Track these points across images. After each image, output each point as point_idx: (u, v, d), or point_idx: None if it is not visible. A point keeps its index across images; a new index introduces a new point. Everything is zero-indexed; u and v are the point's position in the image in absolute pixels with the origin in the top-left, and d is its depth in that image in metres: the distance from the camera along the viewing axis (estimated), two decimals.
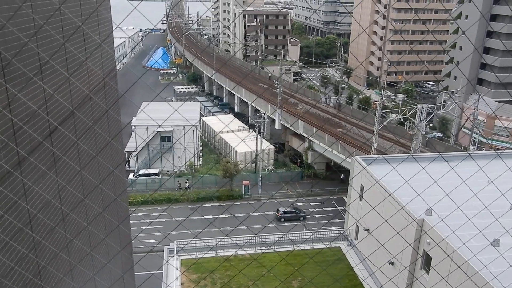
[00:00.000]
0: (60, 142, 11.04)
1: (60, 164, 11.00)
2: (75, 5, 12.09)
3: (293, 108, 63.96)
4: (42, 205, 9.89)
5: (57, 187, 10.81)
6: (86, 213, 13.09)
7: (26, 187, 9.14)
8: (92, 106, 13.59)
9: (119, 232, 17.42)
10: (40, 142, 9.74)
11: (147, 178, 51.95)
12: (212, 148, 64.73)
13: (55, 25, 10.66)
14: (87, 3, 12.91)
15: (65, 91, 11.35)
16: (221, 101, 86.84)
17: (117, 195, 16.83)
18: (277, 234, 29.71)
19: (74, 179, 12.08)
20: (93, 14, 13.72)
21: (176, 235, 39.41)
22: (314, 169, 55.70)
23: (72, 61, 11.72)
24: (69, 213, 11.56)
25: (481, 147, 56.65)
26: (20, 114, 8.89)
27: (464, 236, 18.31)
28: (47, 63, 10.08)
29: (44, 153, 10.05)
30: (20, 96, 8.82)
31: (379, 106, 44.35)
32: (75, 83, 12.04)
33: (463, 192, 14.88)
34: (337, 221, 44.75)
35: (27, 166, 9.17)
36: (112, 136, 16.05)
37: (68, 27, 11.50)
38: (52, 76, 10.50)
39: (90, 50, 13.31)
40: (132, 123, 55.59)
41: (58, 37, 10.82)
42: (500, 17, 66.13)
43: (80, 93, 12.42)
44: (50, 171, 10.37)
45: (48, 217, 10.20)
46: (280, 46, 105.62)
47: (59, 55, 10.88)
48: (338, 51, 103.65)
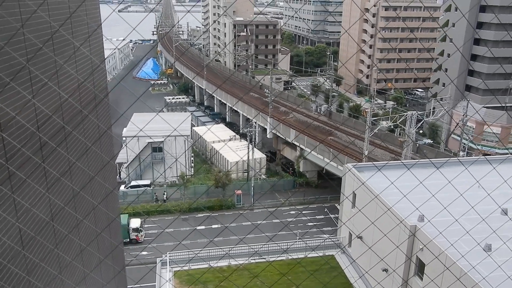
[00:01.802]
0: (51, 156, 10.95)
1: (49, 175, 10.90)
2: (64, 16, 12.07)
3: (284, 116, 64.15)
4: (34, 222, 9.78)
5: (47, 196, 10.70)
6: (78, 225, 12.95)
7: (16, 202, 9.04)
8: (82, 118, 13.52)
9: (111, 245, 17.23)
10: (30, 157, 9.65)
11: (139, 189, 51.60)
12: (204, 158, 64.57)
13: (48, 46, 10.62)
14: (77, 16, 12.89)
15: (53, 93, 11.27)
16: (212, 110, 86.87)
17: (109, 208, 16.68)
18: (270, 243, 29.59)
19: (63, 184, 11.97)
20: (83, 26, 13.70)
21: (168, 246, 39.11)
22: (306, 177, 55.76)
23: (61, 71, 11.68)
24: (56, 217, 11.43)
25: (471, 152, 57.18)
26: (11, 130, 8.81)
27: (457, 242, 18.39)
28: (38, 77, 10.03)
29: (35, 167, 9.95)
30: (9, 111, 8.75)
31: (370, 114, 44.63)
32: (66, 98, 11.98)
33: (454, 197, 14.98)
34: (330, 229, 44.73)
35: (15, 176, 9.07)
36: (103, 148, 15.95)
37: (61, 45, 11.47)
38: (42, 83, 10.44)
39: (80, 63, 13.27)
40: (123, 134, 55.33)
41: (51, 53, 10.78)
42: (487, 24, 67.18)
43: (71, 107, 12.36)
44: (39, 182, 10.26)
45: (35, 223, 10.08)
46: (270, 56, 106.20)
47: (49, 68, 10.83)
48: (328, 60, 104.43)
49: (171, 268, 27.57)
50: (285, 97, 76.06)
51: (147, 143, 53.78)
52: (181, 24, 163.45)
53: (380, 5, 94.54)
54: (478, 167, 26.01)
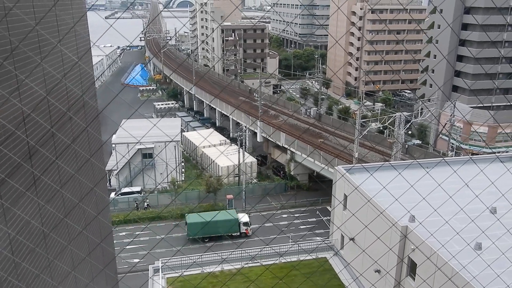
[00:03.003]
0: (40, 162, 10.87)
1: (40, 183, 10.81)
2: (52, 25, 12.02)
3: (274, 120, 64.29)
4: (22, 224, 9.69)
5: (38, 206, 10.61)
6: (68, 233, 12.85)
7: (5, 207, 8.95)
8: (72, 125, 13.44)
9: (103, 252, 17.11)
10: (18, 162, 9.57)
11: (129, 196, 51.25)
12: (195, 163, 64.39)
13: (32, 47, 10.57)
14: (64, 23, 12.85)
15: (44, 111, 11.21)
16: (202, 115, 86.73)
17: (101, 215, 16.57)
18: (263, 247, 29.58)
19: (55, 198, 11.88)
20: (71, 32, 13.65)
21: (160, 253, 38.89)
22: (297, 180, 55.88)
23: (49, 78, 11.61)
24: (49, 233, 11.33)
25: (459, 152, 57.81)
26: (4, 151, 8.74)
27: (447, 241, 18.57)
28: (24, 81, 9.96)
29: (23, 173, 9.87)
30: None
31: (359, 116, 44.95)
32: (53, 102, 11.91)
33: (445, 197, 15.16)
34: (322, 231, 44.84)
35: (5, 185, 8.99)
36: (92, 154, 15.86)
37: (45, 42, 11.42)
38: (30, 92, 10.37)
39: (68, 66, 13.21)
40: (112, 141, 54.97)
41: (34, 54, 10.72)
42: (471, 25, 68.14)
43: (58, 111, 12.28)
44: (29, 191, 10.18)
45: (29, 235, 9.98)
46: (259, 60, 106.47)
47: (36, 71, 10.76)
48: (316, 63, 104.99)
49: (164, 274, 27.40)
50: (274, 100, 76.28)
51: (137, 149, 53.49)
52: (169, 30, 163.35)
53: (367, 8, 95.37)
54: (467, 167, 26.32)
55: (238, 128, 64.01)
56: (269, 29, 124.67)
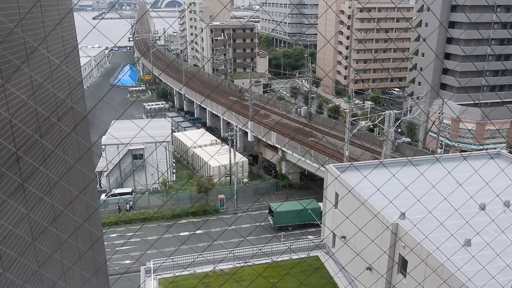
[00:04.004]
0: (27, 164, 10.74)
1: (29, 184, 10.68)
2: (38, 21, 11.88)
3: (264, 119, 64.32)
4: (11, 226, 9.56)
5: (26, 208, 10.47)
6: (58, 238, 12.71)
7: None
8: (59, 127, 13.30)
9: (93, 256, 16.97)
10: (6, 163, 9.44)
11: (120, 198, 50.91)
12: (186, 163, 64.18)
13: (16, 43, 10.43)
14: (50, 17, 12.70)
15: (31, 113, 11.08)
16: (192, 116, 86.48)
17: (90, 218, 16.43)
18: (255, 247, 29.58)
19: (43, 202, 11.74)
20: (57, 31, 13.50)
21: (152, 254, 38.69)
22: (289, 179, 55.96)
23: (36, 80, 11.48)
24: (39, 236, 11.19)
25: (448, 149, 58.35)
26: None
27: (438, 238, 18.73)
28: (9, 80, 9.83)
29: (10, 176, 9.74)
30: None
31: (349, 114, 45.14)
32: (40, 98, 11.77)
33: (434, 194, 15.28)
34: (313, 230, 44.96)
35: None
36: (81, 156, 15.71)
37: (29, 42, 11.28)
38: (16, 93, 10.25)
39: (54, 66, 13.07)
40: (102, 142, 54.56)
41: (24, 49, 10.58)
42: (458, 24, 68.78)
43: (45, 112, 12.14)
44: (17, 192, 10.05)
45: (17, 241, 9.85)
46: (248, 59, 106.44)
47: (21, 72, 10.63)
48: (305, 62, 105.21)
49: (156, 275, 27.28)
50: (264, 100, 76.29)
51: (127, 150, 53.16)
52: (158, 30, 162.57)
53: (355, 6, 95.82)
54: (455, 163, 26.55)
55: (229, 128, 63.89)
56: (258, 28, 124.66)
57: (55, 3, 13.27)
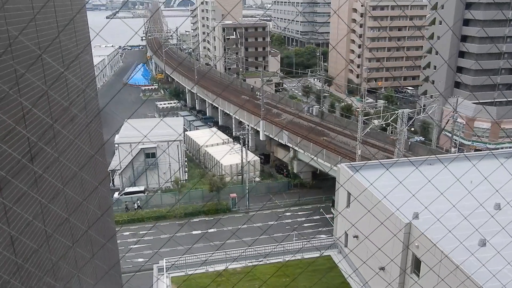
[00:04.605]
0: (40, 162, 10.86)
1: (42, 183, 10.81)
2: (51, 19, 12.00)
3: (276, 118, 64.22)
4: (24, 225, 9.68)
5: (40, 206, 10.60)
6: (72, 234, 12.85)
7: (7, 208, 8.94)
8: (73, 124, 13.43)
9: (107, 252, 17.13)
10: (20, 161, 9.55)
11: (133, 196, 51.31)
12: (198, 162, 64.43)
13: (31, 36, 10.55)
14: (63, 16, 12.82)
15: (44, 108, 11.20)
16: (204, 115, 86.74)
17: (104, 215, 16.58)
18: (268, 245, 29.57)
19: (58, 198, 11.87)
20: (70, 30, 13.63)
21: (165, 252, 38.93)
22: (301, 178, 55.81)
23: (49, 75, 11.59)
24: (52, 234, 11.32)
25: (462, 149, 57.61)
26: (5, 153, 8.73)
27: (452, 238, 18.47)
28: (24, 76, 9.94)
29: (26, 172, 9.86)
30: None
31: (361, 113, 44.84)
32: (54, 96, 11.90)
33: (448, 194, 15.07)
34: (326, 229, 44.80)
35: (8, 185, 8.98)
36: (96, 152, 15.86)
37: (44, 38, 11.40)
38: (30, 88, 10.36)
39: (68, 63, 13.19)
40: (115, 141, 55.06)
41: (34, 48, 10.71)
42: (473, 21, 67.83)
43: (59, 109, 12.27)
44: (32, 190, 10.17)
45: (32, 237, 9.98)
46: (260, 58, 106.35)
47: (35, 67, 10.74)
48: (318, 61, 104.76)
49: (168, 274, 27.43)
50: (276, 99, 76.17)
51: (140, 149, 53.54)
52: (171, 29, 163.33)
53: (368, 5, 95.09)
54: (469, 163, 26.19)
55: (240, 127, 63.94)
56: (270, 27, 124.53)
57: (68, 2, 13.41)
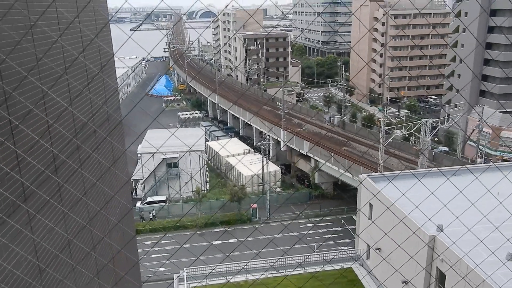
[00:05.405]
0: (64, 172, 11.07)
1: (64, 191, 11.00)
2: (75, 31, 12.30)
3: (297, 129, 64.05)
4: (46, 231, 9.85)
5: (62, 212, 10.78)
6: (92, 240, 13.01)
7: (30, 214, 9.12)
8: (96, 135, 13.68)
9: (126, 260, 17.27)
10: (43, 169, 9.75)
11: (155, 205, 51.76)
12: (219, 172, 64.65)
13: (55, 57, 10.83)
14: (89, 31, 13.14)
15: (68, 121, 11.44)
16: (225, 125, 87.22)
17: (124, 223, 16.75)
18: (287, 257, 29.31)
19: (78, 206, 12.06)
20: (95, 44, 13.95)
21: (185, 262, 39.05)
22: (322, 189, 55.34)
23: (73, 88, 11.86)
24: (73, 240, 11.49)
25: (488, 159, 56.18)
26: (23, 143, 8.94)
27: (478, 251, 17.95)
28: (48, 91, 10.19)
29: (48, 180, 10.06)
30: (20, 126, 8.89)
31: (383, 123, 44.31)
32: (77, 109, 12.15)
33: (473, 205, 14.67)
34: (347, 241, 44.18)
35: (32, 195, 9.17)
36: (115, 163, 16.08)
37: (68, 55, 11.68)
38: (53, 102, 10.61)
39: (91, 76, 13.47)
40: (138, 151, 55.80)
41: (58, 68, 10.98)
42: (498, 28, 66.50)
43: (82, 121, 12.52)
44: (54, 200, 10.36)
45: (52, 243, 10.14)
46: (281, 68, 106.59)
47: (60, 81, 11.01)
48: (339, 70, 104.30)
49: (189, 284, 27.46)
50: (297, 109, 76.06)
51: (162, 159, 54.11)
52: (192, 41, 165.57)
53: (390, 14, 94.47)
54: (496, 173, 25.51)
55: (261, 137, 64.00)
56: (291, 37, 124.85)
57: (92, 16, 13.74)
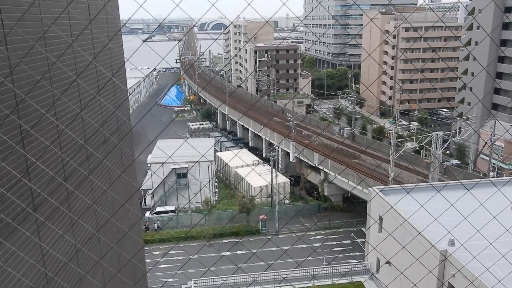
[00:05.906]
0: (75, 181, 11.09)
1: (75, 202, 11.01)
2: (87, 42, 12.41)
3: (306, 140, 63.86)
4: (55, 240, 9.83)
5: (71, 221, 10.77)
6: (100, 249, 12.97)
7: (39, 222, 9.11)
8: (106, 144, 13.73)
9: (134, 269, 17.19)
10: (53, 177, 9.77)
11: (164, 215, 51.73)
12: (228, 183, 64.54)
13: (68, 62, 10.92)
14: (100, 42, 13.25)
15: (79, 130, 11.50)
16: (235, 136, 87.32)
17: (132, 233, 16.72)
18: (296, 269, 29.00)
19: (87, 215, 12.05)
20: (106, 53, 14.07)
21: (193, 273, 38.85)
22: (331, 201, 54.91)
23: (83, 93, 11.93)
24: (82, 249, 11.46)
25: (501, 173, 55.35)
26: (33, 151, 8.98)
27: (491, 267, 17.56)
28: (60, 95, 10.26)
29: (59, 191, 10.08)
30: (33, 132, 8.94)
31: (394, 135, 43.97)
32: (87, 119, 12.20)
33: (486, 219, 14.42)
34: (357, 254, 43.64)
35: (42, 203, 9.18)
36: (125, 173, 16.10)
37: (80, 60, 11.78)
38: (64, 112, 10.67)
39: (102, 85, 13.56)
40: (148, 161, 56.01)
41: (71, 73, 11.06)
42: (510, 42, 66.08)
43: (92, 129, 12.57)
44: (64, 207, 10.36)
45: (61, 252, 10.11)
46: (291, 80, 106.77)
47: (71, 89, 11.09)
48: (349, 82, 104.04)
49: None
50: (307, 121, 75.94)
51: (171, 169, 54.22)
52: (203, 51, 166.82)
53: (401, 26, 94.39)
54: (510, 187, 25.11)
55: (270, 148, 63.87)
56: (301, 49, 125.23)
57: (104, 24, 13.88)
